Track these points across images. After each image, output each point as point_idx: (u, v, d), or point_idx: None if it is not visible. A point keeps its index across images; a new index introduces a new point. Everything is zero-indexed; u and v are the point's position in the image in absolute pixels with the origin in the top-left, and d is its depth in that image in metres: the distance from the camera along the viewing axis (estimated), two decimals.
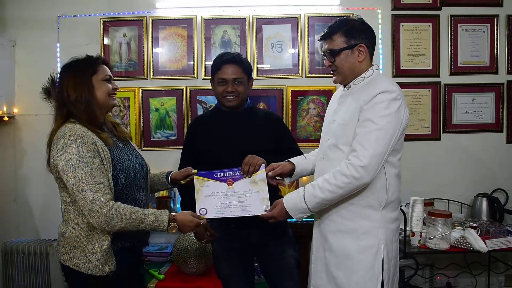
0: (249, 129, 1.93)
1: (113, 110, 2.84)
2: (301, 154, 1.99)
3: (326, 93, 2.93)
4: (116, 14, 2.96)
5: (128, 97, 2.95)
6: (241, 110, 1.97)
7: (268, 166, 1.76)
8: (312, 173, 1.83)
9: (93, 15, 2.95)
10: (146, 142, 2.98)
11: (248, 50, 2.94)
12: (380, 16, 2.90)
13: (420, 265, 2.77)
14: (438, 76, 2.95)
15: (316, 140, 2.89)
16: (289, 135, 2.11)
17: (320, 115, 2.95)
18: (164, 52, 2.97)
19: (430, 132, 2.97)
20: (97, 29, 2.95)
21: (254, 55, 2.94)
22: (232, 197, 1.71)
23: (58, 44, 2.95)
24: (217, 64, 1.93)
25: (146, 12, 2.96)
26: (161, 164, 2.94)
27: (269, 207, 1.68)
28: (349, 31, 1.60)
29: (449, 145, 2.97)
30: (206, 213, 1.70)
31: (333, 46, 1.60)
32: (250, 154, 1.76)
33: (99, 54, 1.75)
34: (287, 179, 1.83)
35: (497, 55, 2.95)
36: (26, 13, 2.98)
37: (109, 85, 1.58)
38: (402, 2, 2.93)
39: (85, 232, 1.47)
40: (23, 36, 2.99)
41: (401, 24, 2.93)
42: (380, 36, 2.90)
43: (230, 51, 2.03)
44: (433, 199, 2.82)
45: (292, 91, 2.94)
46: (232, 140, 1.90)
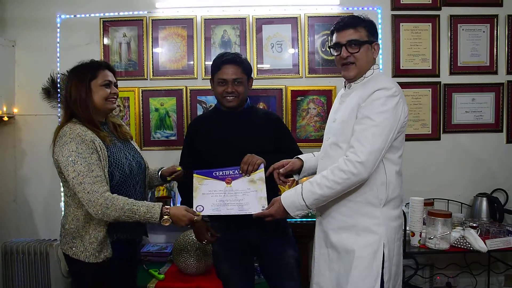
0: (249, 129, 1.93)
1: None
2: (301, 154, 1.99)
3: (326, 93, 2.94)
4: (116, 14, 2.96)
5: (128, 97, 2.95)
6: (241, 110, 1.97)
7: (278, 163, 1.76)
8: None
9: (93, 15, 2.95)
10: (146, 142, 2.98)
11: (248, 50, 2.94)
12: (380, 16, 2.90)
13: (420, 265, 2.77)
14: (438, 76, 2.95)
15: (316, 140, 2.91)
16: (289, 135, 2.11)
17: (320, 115, 2.95)
18: (164, 52, 2.97)
19: (430, 132, 2.97)
20: (97, 29, 2.95)
21: (254, 55, 2.94)
22: (230, 195, 1.71)
23: (58, 44, 2.95)
24: (217, 65, 1.92)
25: (146, 12, 2.96)
26: (161, 164, 2.92)
27: (266, 206, 1.68)
28: (371, 27, 1.62)
29: (449, 145, 2.98)
30: (203, 210, 1.70)
31: (358, 37, 1.59)
32: (249, 153, 1.77)
33: (103, 60, 1.81)
34: (296, 176, 1.82)
35: (497, 55, 2.95)
36: (26, 13, 2.98)
37: (107, 90, 1.68)
38: (402, 2, 2.94)
39: (83, 224, 1.61)
40: (23, 36, 2.99)
41: (401, 24, 2.93)
42: (380, 36, 2.89)
43: (230, 51, 2.02)
44: (433, 199, 2.83)
45: (292, 91, 2.94)
46: (232, 140, 1.90)
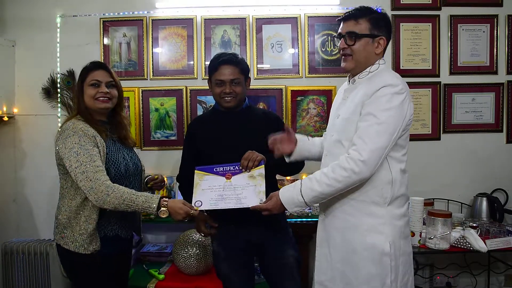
0: (248, 129, 1.92)
1: None
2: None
3: (326, 93, 2.94)
4: (116, 14, 2.96)
5: (128, 97, 2.95)
6: (240, 110, 1.96)
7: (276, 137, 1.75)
8: (316, 158, 1.81)
9: (93, 15, 2.95)
10: (146, 142, 2.98)
11: (248, 50, 2.94)
12: None
13: (420, 265, 2.77)
14: (438, 76, 2.95)
15: None
16: None
17: (320, 115, 2.95)
18: (164, 52, 2.97)
19: (430, 132, 2.97)
20: (97, 29, 2.96)
21: (254, 55, 2.94)
22: (229, 190, 1.71)
23: (58, 44, 2.95)
24: (214, 65, 1.91)
25: (146, 12, 2.96)
26: (161, 164, 2.96)
27: (264, 199, 1.65)
28: (376, 21, 1.56)
29: (449, 145, 2.98)
30: (201, 205, 1.70)
31: (357, 29, 1.55)
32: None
33: (102, 61, 1.84)
34: (287, 158, 1.80)
35: (497, 55, 2.95)
36: (26, 13, 2.98)
37: (95, 89, 1.73)
38: (402, 2, 2.94)
39: (74, 215, 1.67)
40: (23, 36, 2.99)
41: (401, 24, 2.93)
42: None
43: (227, 52, 2.01)
44: (433, 199, 2.83)
45: (292, 91, 2.94)
46: (231, 140, 1.90)
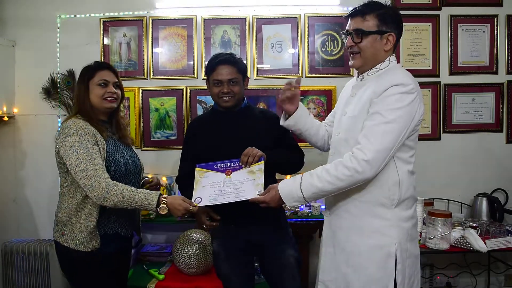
0: (247, 128, 1.92)
1: None
2: (299, 149, 2.00)
3: (326, 93, 2.93)
4: (116, 14, 2.96)
5: (128, 97, 2.95)
6: (238, 110, 1.96)
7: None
8: (308, 133, 1.79)
9: (93, 15, 2.95)
10: (146, 142, 2.98)
11: (248, 50, 2.94)
12: None
13: (420, 265, 2.77)
14: (438, 76, 2.95)
15: None
16: (287, 132, 2.10)
17: (320, 115, 2.95)
18: (164, 52, 2.97)
19: (430, 132, 2.97)
20: (97, 29, 2.96)
21: (254, 55, 2.94)
22: (228, 186, 1.71)
23: (58, 44, 2.95)
24: (212, 66, 1.91)
25: (146, 12, 2.96)
26: (161, 164, 2.96)
27: (262, 191, 1.64)
28: (384, 17, 1.51)
29: (449, 145, 2.98)
30: (201, 201, 1.70)
31: (364, 27, 1.51)
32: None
33: (105, 62, 1.84)
34: (283, 119, 1.80)
35: (497, 55, 2.95)
36: (26, 13, 2.98)
37: (103, 89, 1.75)
38: (402, 2, 2.94)
39: (74, 213, 1.68)
40: (23, 36, 2.99)
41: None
42: None
43: (225, 52, 2.01)
44: (433, 199, 2.83)
45: None
46: (231, 140, 1.89)
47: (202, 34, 2.95)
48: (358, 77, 1.62)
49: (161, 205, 1.62)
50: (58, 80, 2.94)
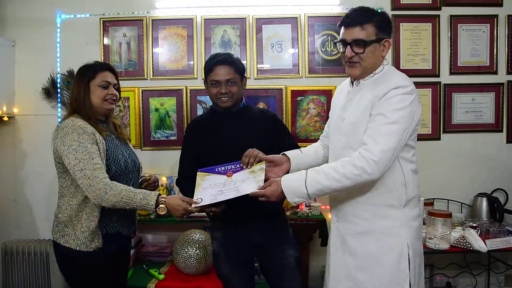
0: (246, 128, 1.92)
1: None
2: (299, 148, 1.98)
3: (326, 93, 2.94)
4: (116, 14, 2.96)
5: (128, 97, 2.95)
6: (237, 110, 1.95)
7: (267, 156, 1.72)
8: (313, 166, 1.75)
9: (93, 15, 2.95)
10: (146, 142, 2.98)
11: (248, 50, 2.94)
12: None
13: None
14: (438, 76, 2.95)
15: (316, 140, 2.88)
16: (286, 131, 2.10)
17: (320, 115, 2.95)
18: (164, 52, 2.97)
19: (430, 132, 2.97)
20: (97, 29, 2.96)
21: (254, 55, 2.94)
22: (229, 185, 1.70)
23: (58, 44, 2.95)
24: (209, 66, 1.89)
25: (146, 12, 2.96)
26: (161, 164, 2.96)
27: (262, 184, 1.61)
28: (381, 24, 1.51)
29: (449, 145, 2.97)
30: (202, 201, 1.68)
31: (364, 36, 1.48)
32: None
33: (106, 62, 1.85)
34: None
35: (497, 55, 2.95)
36: (26, 13, 2.98)
37: (105, 91, 1.75)
38: (402, 2, 2.94)
39: (75, 213, 1.66)
40: (23, 36, 2.99)
41: (401, 24, 2.93)
42: None
43: (222, 52, 1.99)
44: (433, 199, 2.83)
45: (292, 91, 2.94)
46: (230, 140, 1.89)
47: (202, 34, 2.95)
48: (353, 83, 1.61)
49: (160, 206, 1.61)
50: (58, 80, 2.94)
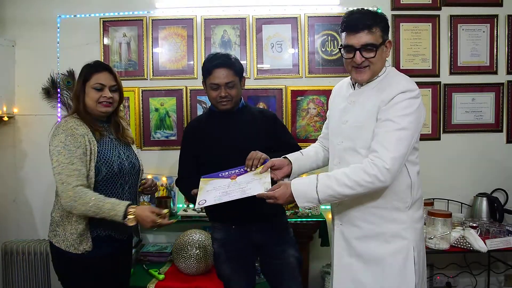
0: (245, 128, 1.91)
1: None
2: (299, 148, 1.96)
3: (326, 93, 2.93)
4: (116, 14, 2.96)
5: (128, 97, 2.95)
6: (236, 110, 1.94)
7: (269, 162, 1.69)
8: (311, 169, 1.79)
9: (93, 15, 2.95)
10: (146, 142, 2.98)
11: (248, 50, 2.94)
12: None
13: None
14: (438, 76, 2.95)
15: (316, 140, 2.90)
16: (286, 130, 2.08)
17: (320, 115, 2.95)
18: (164, 52, 2.97)
19: (430, 132, 2.97)
20: (97, 29, 2.96)
21: (254, 55, 2.94)
22: (234, 187, 1.67)
23: (58, 44, 2.95)
24: (208, 69, 1.87)
25: (146, 12, 2.96)
26: (161, 164, 2.96)
27: (270, 187, 1.57)
28: (386, 25, 1.50)
29: (449, 145, 2.97)
30: (205, 203, 1.64)
31: (374, 40, 1.46)
32: (248, 152, 1.74)
33: (102, 61, 1.86)
34: (286, 179, 1.73)
35: (497, 55, 2.95)
36: (26, 13, 2.98)
37: (98, 93, 1.72)
38: (402, 2, 2.94)
39: (67, 214, 1.66)
40: (23, 36, 2.99)
41: (401, 24, 2.93)
42: None
43: (220, 52, 1.94)
44: (433, 199, 2.83)
45: (292, 91, 2.94)
46: (229, 140, 1.88)
47: (202, 34, 2.95)
48: (354, 85, 1.59)
49: (129, 217, 1.56)
50: (58, 80, 2.94)
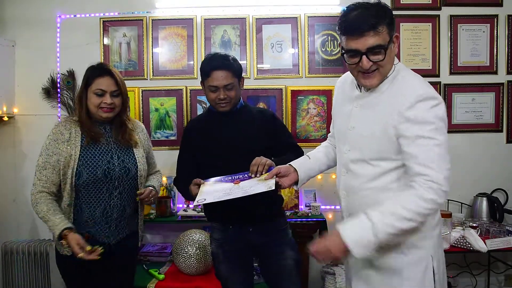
0: (244, 128, 1.90)
1: None
2: (298, 148, 1.95)
3: (326, 93, 2.93)
4: (116, 14, 2.96)
5: (128, 97, 2.94)
6: (235, 110, 1.93)
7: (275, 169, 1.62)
8: (320, 172, 1.70)
9: (93, 15, 2.95)
10: None
11: (248, 50, 2.94)
12: None
13: None
14: (438, 76, 2.95)
15: (316, 140, 2.90)
16: (285, 130, 2.06)
17: (320, 115, 2.95)
18: (164, 52, 2.97)
19: None
20: (97, 29, 2.95)
21: (254, 55, 2.94)
22: (236, 189, 1.62)
23: (58, 44, 2.95)
24: (206, 71, 1.85)
25: (146, 12, 2.96)
26: (161, 164, 2.94)
27: (273, 188, 1.52)
28: (392, 19, 1.31)
29: (449, 145, 2.95)
30: (205, 201, 1.61)
31: (382, 41, 1.28)
32: (247, 153, 1.74)
33: (105, 65, 1.80)
34: (294, 186, 1.65)
35: (497, 55, 2.95)
36: (26, 13, 2.98)
37: (99, 99, 1.72)
38: (402, 2, 2.94)
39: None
40: (23, 36, 2.99)
41: (401, 24, 2.93)
42: None
43: (218, 53, 1.91)
44: None
45: (292, 91, 2.94)
46: (229, 140, 1.87)
47: (202, 34, 2.95)
48: (360, 88, 1.44)
49: (62, 240, 1.60)
50: (58, 80, 2.94)
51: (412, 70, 1.43)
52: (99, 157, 1.74)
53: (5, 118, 2.92)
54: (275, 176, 1.58)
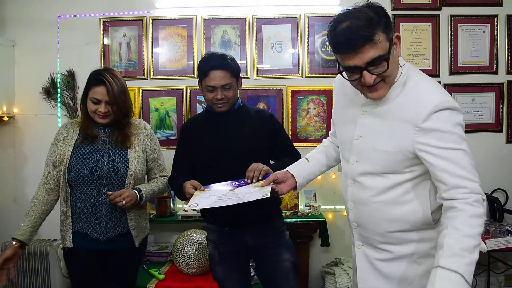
0: (242, 129, 1.88)
1: None
2: (295, 150, 1.93)
3: (326, 93, 2.94)
4: (116, 14, 2.96)
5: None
6: (233, 110, 1.91)
7: (272, 175, 1.59)
8: (321, 173, 1.67)
9: (93, 15, 2.95)
10: None
11: (248, 50, 2.94)
12: None
13: None
14: (438, 76, 2.95)
15: (316, 140, 2.90)
16: (283, 132, 2.05)
17: (320, 115, 2.95)
18: (164, 52, 2.97)
19: None
20: (97, 29, 2.96)
21: (254, 55, 2.94)
22: (231, 196, 1.60)
23: (58, 44, 2.95)
24: (203, 71, 1.83)
25: (146, 12, 2.96)
26: None
27: (268, 195, 1.48)
28: (387, 20, 1.19)
29: None
30: (197, 206, 1.59)
31: (381, 51, 1.16)
32: (245, 153, 1.74)
33: (102, 73, 1.80)
34: (294, 190, 1.64)
35: (497, 55, 2.95)
36: (26, 13, 2.98)
37: (94, 106, 1.78)
38: (402, 2, 2.94)
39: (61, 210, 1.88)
40: (23, 36, 2.99)
41: (401, 24, 2.94)
42: None
43: (216, 53, 1.89)
44: None
45: (292, 91, 2.94)
46: (226, 141, 1.85)
47: (202, 34, 2.95)
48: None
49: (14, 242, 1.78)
50: (58, 80, 2.94)
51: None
52: (89, 156, 1.82)
53: (5, 118, 2.92)
54: (272, 183, 1.54)
